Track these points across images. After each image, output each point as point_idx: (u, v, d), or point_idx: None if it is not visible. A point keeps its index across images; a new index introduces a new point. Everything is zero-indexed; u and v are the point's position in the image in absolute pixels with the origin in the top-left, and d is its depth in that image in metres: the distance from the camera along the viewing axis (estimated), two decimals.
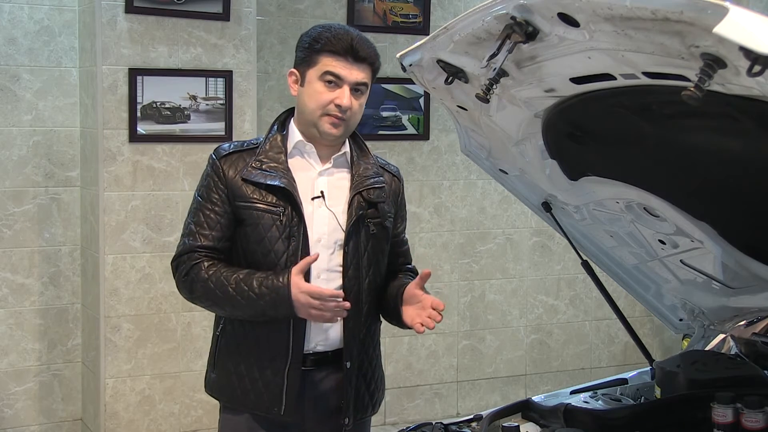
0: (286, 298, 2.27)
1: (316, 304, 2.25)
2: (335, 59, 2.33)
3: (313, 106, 2.36)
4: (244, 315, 2.38)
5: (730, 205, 2.26)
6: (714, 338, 2.83)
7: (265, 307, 2.30)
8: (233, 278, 2.33)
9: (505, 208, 5.40)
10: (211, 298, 2.36)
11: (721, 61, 1.53)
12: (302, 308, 2.27)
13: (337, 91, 2.33)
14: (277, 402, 2.37)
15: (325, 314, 2.27)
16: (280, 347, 2.36)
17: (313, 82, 2.35)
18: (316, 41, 2.35)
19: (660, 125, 2.02)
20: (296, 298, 2.26)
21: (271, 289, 2.29)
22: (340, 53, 2.32)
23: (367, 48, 2.36)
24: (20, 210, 4.45)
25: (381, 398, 2.56)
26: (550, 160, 2.42)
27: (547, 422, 2.38)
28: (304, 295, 2.25)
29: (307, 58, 2.37)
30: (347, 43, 2.33)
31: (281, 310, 2.30)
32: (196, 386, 4.39)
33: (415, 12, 5.07)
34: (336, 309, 2.27)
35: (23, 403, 4.52)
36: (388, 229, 2.47)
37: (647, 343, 3.32)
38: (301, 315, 2.29)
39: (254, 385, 2.39)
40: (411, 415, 5.24)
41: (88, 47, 4.33)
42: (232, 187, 2.38)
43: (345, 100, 2.33)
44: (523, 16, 1.80)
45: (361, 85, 2.36)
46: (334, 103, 2.33)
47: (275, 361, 2.37)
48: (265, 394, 2.38)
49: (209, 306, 2.42)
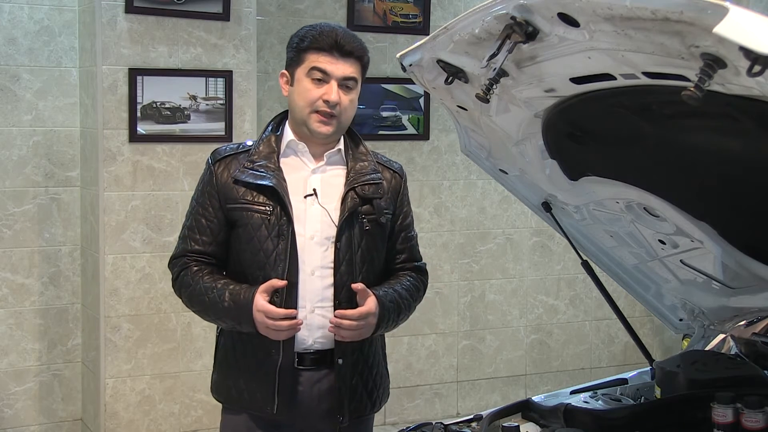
0: (248, 315, 2.33)
1: (269, 323, 2.31)
2: (321, 55, 2.35)
3: (302, 104, 2.38)
4: (221, 325, 2.48)
5: (730, 205, 2.26)
6: (714, 338, 2.83)
7: (233, 321, 2.39)
8: (210, 289, 2.40)
9: (505, 208, 5.40)
10: (195, 305, 2.46)
11: (721, 61, 1.53)
12: (259, 326, 2.33)
13: (325, 87, 2.35)
14: (270, 401, 2.39)
15: (279, 333, 2.33)
16: (272, 347, 2.38)
17: (302, 80, 2.38)
18: (302, 40, 2.38)
19: (660, 125, 2.02)
20: (255, 316, 2.32)
21: (237, 304, 2.35)
22: (326, 49, 2.35)
23: (352, 42, 2.38)
24: (20, 210, 4.45)
25: (383, 396, 2.55)
26: (550, 160, 2.42)
27: (547, 422, 2.38)
28: (260, 313, 2.31)
29: (295, 57, 2.40)
30: (332, 38, 2.35)
31: (244, 325, 2.37)
32: (196, 386, 4.39)
33: (415, 12, 5.07)
34: (290, 328, 2.32)
35: (23, 403, 4.52)
36: (384, 226, 2.47)
37: (647, 343, 3.32)
38: (260, 332, 2.34)
39: (248, 385, 2.42)
40: (411, 415, 5.24)
41: (88, 47, 4.33)
42: (224, 190, 2.41)
43: (333, 95, 2.34)
44: (523, 16, 1.80)
45: (350, 79, 2.37)
46: (322, 99, 2.35)
47: (267, 360, 2.39)
48: (258, 394, 2.40)
49: (195, 312, 2.50)
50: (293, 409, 2.40)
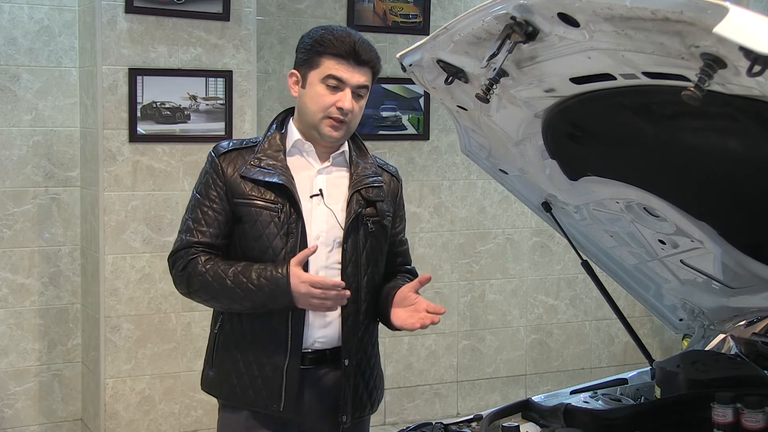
0: (285, 288, 2.28)
1: (317, 293, 2.27)
2: (338, 62, 2.33)
3: (314, 109, 2.37)
4: (242, 308, 2.38)
5: (730, 205, 2.26)
6: (714, 338, 2.83)
7: (264, 298, 2.31)
8: (231, 271, 2.33)
9: (505, 208, 5.40)
10: (209, 291, 2.36)
11: (721, 61, 1.53)
12: (302, 298, 2.28)
13: (339, 94, 2.34)
14: (276, 399, 2.37)
15: (326, 303, 2.29)
16: (279, 344, 2.37)
17: (315, 85, 2.36)
18: (319, 43, 2.35)
19: (660, 125, 2.02)
20: (296, 288, 2.27)
21: (270, 280, 2.29)
22: (343, 56, 2.33)
23: (369, 51, 2.37)
24: (20, 210, 4.45)
25: (380, 397, 2.57)
26: (550, 160, 2.42)
27: (547, 422, 2.38)
28: (305, 285, 2.26)
29: (309, 60, 2.37)
30: (350, 46, 2.33)
31: (280, 301, 2.30)
32: (196, 386, 4.35)
33: (415, 12, 5.07)
34: (337, 297, 2.29)
35: (23, 403, 4.52)
36: (386, 227, 2.48)
37: (647, 343, 3.32)
38: (300, 305, 2.30)
39: (253, 382, 2.40)
40: (411, 415, 5.24)
41: (88, 47, 4.33)
42: (230, 184, 2.38)
43: (347, 103, 2.34)
44: (523, 16, 1.80)
45: (362, 88, 2.37)
46: (335, 106, 2.34)
47: (274, 357, 2.37)
48: (264, 391, 2.39)
49: (207, 300, 2.41)
50: (299, 407, 2.40)
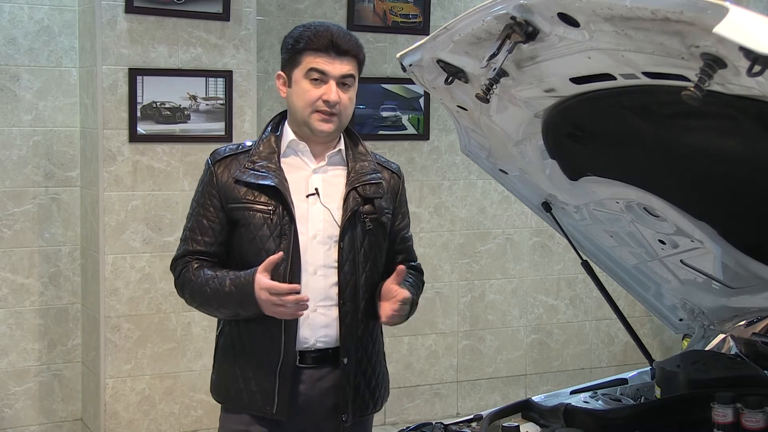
0: (251, 295, 2.30)
1: (275, 300, 2.27)
2: (318, 56, 2.36)
3: (302, 105, 2.39)
4: (223, 315, 2.45)
5: (730, 205, 2.26)
6: (714, 338, 2.83)
7: (236, 305, 2.35)
8: (210, 278, 2.38)
9: (505, 208, 5.40)
10: (196, 298, 2.44)
11: (721, 61, 1.53)
12: (264, 305, 2.30)
13: (324, 87, 2.36)
14: (270, 401, 2.38)
15: (285, 310, 2.29)
16: (273, 346, 2.38)
17: (300, 82, 2.38)
18: (298, 41, 2.38)
19: (660, 125, 2.02)
20: (258, 295, 2.29)
21: (238, 287, 2.33)
22: (322, 49, 2.35)
23: (348, 40, 2.39)
24: (20, 210, 4.45)
25: (384, 396, 2.56)
26: (550, 160, 2.42)
27: (547, 422, 2.38)
28: (264, 291, 2.28)
29: (291, 58, 2.40)
30: (327, 39, 2.35)
31: (249, 308, 2.33)
32: (196, 386, 4.39)
33: (415, 12, 5.07)
34: (296, 303, 2.28)
35: (23, 403, 4.52)
36: (385, 225, 2.48)
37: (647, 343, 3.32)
38: (266, 312, 2.31)
39: (247, 385, 2.41)
40: (411, 415, 5.24)
41: (88, 47, 4.33)
42: (224, 190, 2.41)
43: (332, 95, 2.35)
44: (523, 16, 1.80)
45: (347, 77, 2.38)
46: (322, 99, 2.36)
47: (267, 360, 2.39)
48: (257, 394, 2.40)
49: (199, 306, 2.48)
50: (294, 409, 2.40)
